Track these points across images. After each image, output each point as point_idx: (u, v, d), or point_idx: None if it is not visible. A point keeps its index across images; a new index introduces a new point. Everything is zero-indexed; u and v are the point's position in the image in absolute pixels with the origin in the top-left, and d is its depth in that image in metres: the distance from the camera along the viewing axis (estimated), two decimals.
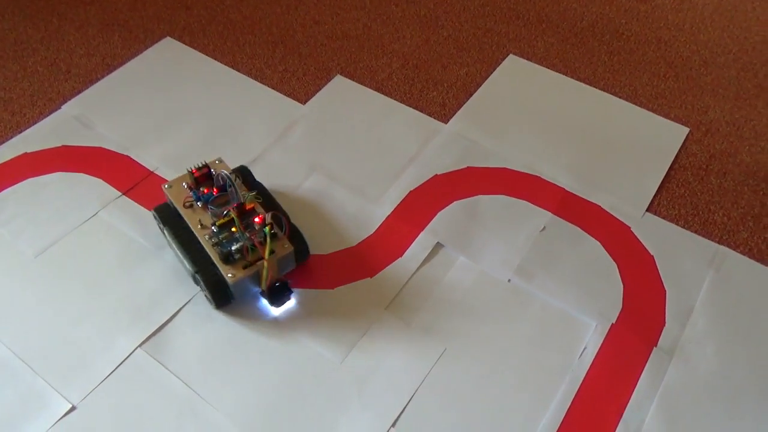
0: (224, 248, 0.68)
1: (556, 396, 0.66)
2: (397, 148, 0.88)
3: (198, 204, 0.72)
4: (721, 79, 0.99)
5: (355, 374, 0.67)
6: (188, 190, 0.73)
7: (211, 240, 0.69)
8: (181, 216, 0.72)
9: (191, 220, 0.71)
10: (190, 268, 0.69)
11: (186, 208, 0.72)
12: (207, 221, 0.71)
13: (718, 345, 0.70)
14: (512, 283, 0.74)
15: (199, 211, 0.72)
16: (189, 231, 0.71)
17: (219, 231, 0.69)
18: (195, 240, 0.70)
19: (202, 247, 0.69)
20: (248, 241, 0.67)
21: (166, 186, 0.73)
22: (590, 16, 1.09)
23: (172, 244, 0.72)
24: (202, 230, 0.70)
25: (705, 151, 0.89)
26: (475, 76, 0.98)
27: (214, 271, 0.68)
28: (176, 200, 0.72)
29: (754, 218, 0.81)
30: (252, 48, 1.01)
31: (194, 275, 0.69)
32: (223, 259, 0.67)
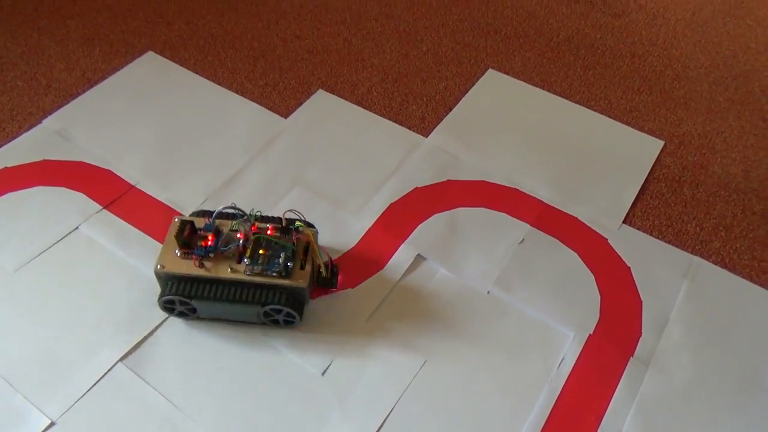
0: (275, 267, 0.66)
1: (535, 406, 0.67)
2: (378, 162, 0.89)
3: (210, 256, 0.68)
4: (694, 93, 1.01)
5: (336, 386, 0.67)
6: (186, 254, 0.68)
7: (254, 272, 0.67)
8: (200, 279, 0.67)
9: (219, 272, 0.67)
10: (254, 307, 0.67)
11: (201, 268, 0.67)
12: (233, 263, 0.67)
13: (693, 354, 0.71)
14: (492, 295, 0.75)
15: (217, 262, 0.67)
16: (221, 283, 0.67)
17: (254, 260, 0.67)
18: (236, 285, 0.67)
19: (247, 286, 0.67)
20: (291, 245, 0.67)
21: (159, 266, 0.67)
22: (566, 31, 1.11)
23: (212, 307, 0.68)
24: (236, 272, 0.67)
25: (678, 163, 0.91)
26: (454, 90, 0.99)
27: (282, 291, 0.67)
28: (184, 270, 0.67)
29: (725, 228, 0.83)
30: (233, 62, 1.01)
31: (261, 311, 0.68)
32: (284, 274, 0.66)
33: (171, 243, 0.68)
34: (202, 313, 0.70)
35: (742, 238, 0.82)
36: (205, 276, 0.67)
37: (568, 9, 1.16)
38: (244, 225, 0.69)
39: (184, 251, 0.67)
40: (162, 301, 0.68)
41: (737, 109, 0.99)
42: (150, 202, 0.82)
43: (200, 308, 0.69)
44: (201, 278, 0.67)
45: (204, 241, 0.67)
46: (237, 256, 0.68)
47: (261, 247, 0.67)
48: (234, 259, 0.67)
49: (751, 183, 0.88)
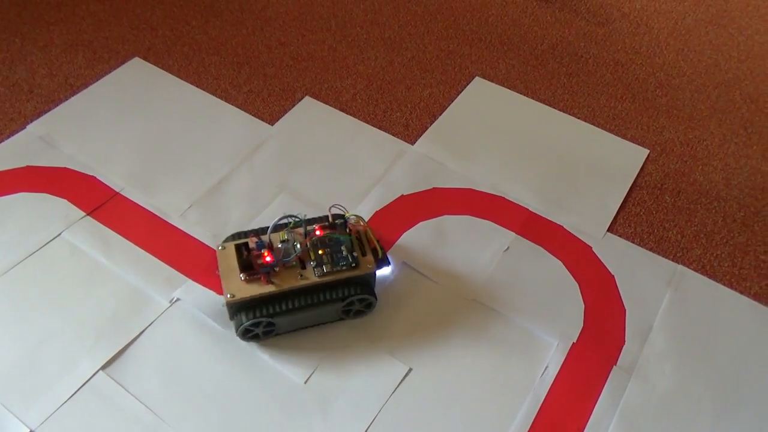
0: (341, 261, 0.68)
1: (518, 414, 0.67)
2: (364, 169, 0.89)
3: (276, 270, 0.68)
4: (676, 101, 1.02)
5: (318, 395, 0.67)
6: (251, 276, 0.67)
7: (324, 272, 0.68)
8: (275, 296, 0.67)
9: (288, 283, 0.67)
10: (336, 304, 0.68)
11: (272, 284, 0.67)
12: (299, 271, 0.68)
13: (676, 363, 0.72)
14: (476, 303, 0.76)
15: (284, 274, 0.68)
16: (297, 292, 0.68)
17: (319, 261, 0.68)
18: (310, 290, 0.68)
19: (322, 287, 0.68)
20: (349, 236, 0.70)
21: (230, 296, 0.66)
22: (550, 39, 1.12)
23: (293, 318, 0.69)
24: (302, 280, 0.67)
25: (660, 171, 0.91)
26: (439, 97, 0.99)
27: (357, 281, 0.69)
28: (255, 291, 0.66)
29: (706, 236, 0.84)
30: (217, 69, 1.01)
31: (346, 308, 0.70)
32: (353, 266, 0.68)
33: (229, 271, 0.67)
34: (281, 329, 0.70)
35: (723, 245, 0.83)
36: (279, 291, 0.67)
37: (552, 17, 1.17)
38: (294, 233, 0.70)
39: (248, 274, 0.67)
40: (243, 329, 0.67)
41: (719, 117, 1.00)
42: (134, 209, 0.82)
43: (280, 324, 0.69)
44: (275, 294, 0.67)
45: (263, 259, 0.67)
46: (299, 264, 0.68)
47: (319, 248, 0.69)
48: (298, 267, 0.68)
49: (732, 190, 0.89)
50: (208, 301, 0.73)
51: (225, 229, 0.80)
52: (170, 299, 0.74)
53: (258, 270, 0.67)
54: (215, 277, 0.75)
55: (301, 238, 0.70)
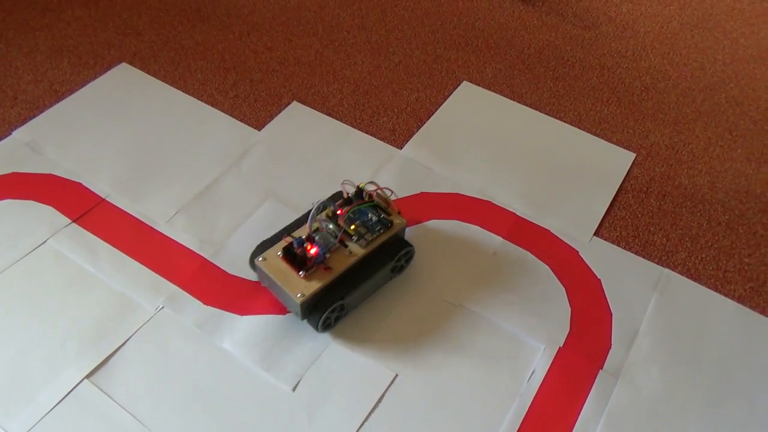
0: (376, 227, 0.73)
1: (505, 419, 0.67)
2: (352, 174, 0.89)
3: (327, 257, 0.71)
4: (662, 105, 1.03)
5: (305, 402, 0.67)
6: (306, 270, 0.69)
7: (367, 242, 0.72)
8: (338, 281, 0.71)
9: (344, 264, 0.71)
10: (388, 267, 0.74)
11: (330, 270, 0.70)
12: (346, 250, 0.72)
13: (662, 367, 0.72)
14: (463, 308, 0.76)
15: (335, 258, 0.71)
16: (354, 267, 0.72)
17: (358, 235, 0.73)
18: (363, 262, 0.72)
19: (370, 257, 0.72)
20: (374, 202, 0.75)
21: (300, 296, 0.68)
22: (537, 43, 1.12)
23: (358, 294, 0.72)
24: (354, 253, 0.72)
25: (646, 175, 0.92)
26: (425, 101, 0.99)
27: (395, 240, 0.75)
28: (320, 281, 0.69)
29: (691, 239, 0.84)
30: (204, 74, 1.01)
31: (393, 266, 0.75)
32: (389, 226, 0.74)
33: (285, 276, 0.69)
34: (349, 307, 0.74)
35: (707, 249, 0.83)
36: (340, 274, 0.70)
37: (539, 21, 1.17)
38: (319, 221, 0.74)
39: (306, 270, 0.69)
40: (323, 320, 0.70)
41: (704, 121, 1.01)
42: (120, 216, 0.82)
43: (349, 303, 0.72)
44: (338, 278, 0.71)
45: (308, 251, 0.70)
46: (340, 245, 0.72)
47: (350, 224, 0.73)
48: (341, 248, 0.72)
49: (717, 194, 0.90)
50: (194, 309, 0.73)
51: (212, 236, 0.80)
52: (156, 306, 0.73)
53: (312, 263, 0.70)
54: (201, 284, 0.76)
55: (330, 223, 0.73)
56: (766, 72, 1.10)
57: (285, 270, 0.70)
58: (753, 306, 0.77)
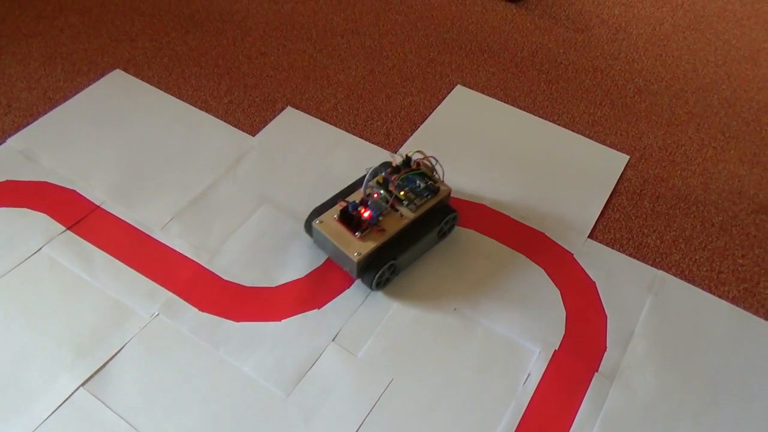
0: (425, 193, 0.79)
1: (501, 423, 0.67)
2: (347, 178, 0.88)
3: (380, 218, 0.76)
4: (655, 106, 1.03)
5: (302, 407, 0.67)
6: (360, 231, 0.75)
7: (416, 207, 0.77)
8: (390, 241, 0.76)
9: (396, 226, 0.76)
10: (436, 230, 0.79)
11: (383, 231, 0.75)
12: (396, 215, 0.77)
13: (657, 368, 0.72)
14: (458, 312, 0.76)
15: (387, 221, 0.76)
16: (406, 230, 0.77)
17: (408, 200, 0.78)
18: (414, 225, 0.77)
19: (420, 220, 0.77)
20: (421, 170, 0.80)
21: (357, 255, 0.73)
22: (530, 46, 1.13)
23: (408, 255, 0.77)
24: (405, 217, 0.77)
25: (639, 177, 0.92)
26: (419, 105, 1.00)
27: (441, 205, 0.79)
28: (374, 242, 0.74)
29: (685, 240, 0.84)
30: (198, 80, 1.01)
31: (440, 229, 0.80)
32: (435, 192, 0.79)
33: (341, 237, 0.75)
34: (401, 267, 0.78)
35: (701, 250, 0.83)
36: (392, 235, 0.76)
37: (532, 24, 1.18)
38: (373, 185, 0.79)
39: (361, 232, 0.75)
40: (378, 277, 0.75)
41: (697, 122, 1.01)
42: (115, 223, 0.82)
43: (401, 263, 0.77)
44: (391, 239, 0.76)
45: (362, 214, 0.75)
46: (392, 209, 0.77)
47: (402, 189, 0.78)
48: (393, 212, 0.77)
49: (710, 195, 0.90)
50: (190, 315, 0.73)
51: (207, 242, 0.80)
52: (151, 313, 0.73)
53: (367, 225, 0.75)
54: (197, 291, 0.76)
55: (381, 189, 0.78)
56: (759, 73, 1.11)
57: (341, 231, 0.75)
58: (747, 307, 0.78)
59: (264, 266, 0.79)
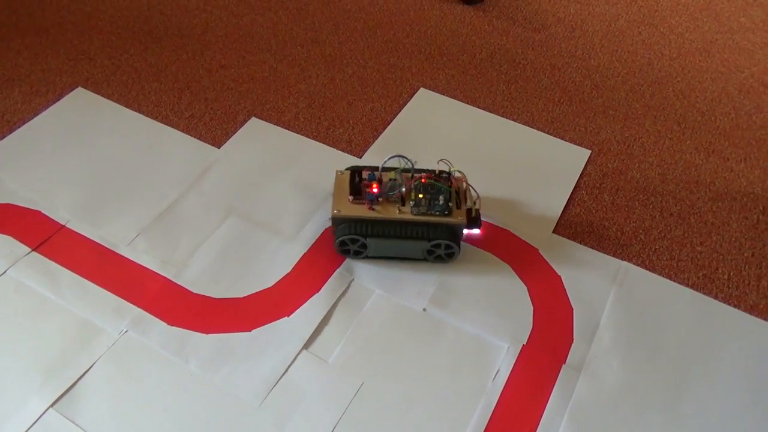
0: (437, 207, 0.77)
1: (471, 419, 0.68)
2: (313, 185, 0.89)
3: (379, 200, 0.78)
4: (612, 101, 1.05)
5: (274, 416, 0.67)
6: (358, 200, 0.78)
7: (419, 212, 0.77)
8: (373, 221, 0.78)
9: (389, 214, 0.77)
10: (422, 242, 0.78)
11: (373, 210, 0.78)
12: (398, 206, 0.78)
13: (623, 357, 0.74)
14: (427, 313, 0.77)
15: (385, 206, 0.78)
16: (392, 222, 0.78)
17: (417, 202, 0.78)
18: (404, 224, 0.78)
19: (413, 225, 0.77)
20: (449, 188, 0.78)
21: (337, 211, 0.77)
22: (489, 47, 1.14)
23: (383, 245, 0.78)
24: (403, 213, 0.77)
25: (598, 171, 0.94)
26: (381, 111, 1.01)
27: (445, 228, 0.77)
28: (358, 212, 0.78)
29: (645, 231, 0.86)
30: (157, 95, 1.01)
31: (427, 247, 0.78)
32: (447, 213, 0.77)
33: (341, 192, 0.79)
34: (371, 252, 0.80)
35: (660, 240, 0.85)
36: (377, 217, 0.77)
37: (490, 26, 1.19)
38: (402, 175, 0.79)
39: (355, 197, 0.78)
40: (339, 241, 0.78)
41: (653, 115, 1.03)
42: (81, 242, 0.81)
43: (372, 246, 0.79)
44: (374, 219, 0.77)
45: (371, 188, 0.78)
46: (400, 201, 0.78)
47: (421, 192, 0.78)
48: (398, 203, 0.78)
49: (668, 185, 0.92)
50: (159, 330, 0.73)
51: (173, 256, 0.80)
52: (120, 330, 0.73)
53: (364, 196, 0.78)
54: (165, 305, 0.76)
55: (407, 181, 0.79)
56: (712, 64, 1.14)
57: (344, 188, 0.79)
58: (707, 292, 0.80)
59: (232, 277, 0.79)
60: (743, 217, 0.89)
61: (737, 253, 0.84)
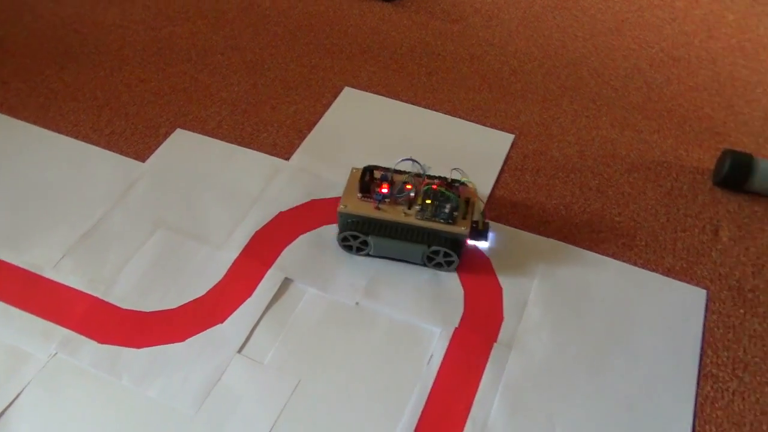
0: (442, 215, 0.77)
1: (408, 405, 0.69)
2: (240, 191, 0.89)
3: (386, 201, 0.79)
4: (530, 85, 1.08)
5: (210, 422, 0.67)
6: (366, 198, 0.79)
7: (424, 217, 0.77)
8: (377, 220, 0.79)
9: (393, 215, 0.78)
10: (421, 247, 0.78)
11: (378, 210, 0.78)
12: (404, 209, 0.78)
13: (552, 329, 0.76)
14: (360, 306, 0.78)
15: (391, 207, 0.79)
16: (396, 225, 0.78)
17: (423, 208, 0.78)
18: (407, 227, 0.78)
19: (416, 229, 0.78)
20: (457, 197, 0.79)
21: (344, 207, 0.79)
22: (408, 42, 1.16)
23: (384, 244, 0.79)
24: (408, 216, 0.78)
25: (520, 153, 0.96)
26: (305, 112, 1.01)
27: (447, 236, 0.77)
28: (363, 211, 0.79)
29: (566, 207, 0.89)
30: (76, 114, 0.99)
31: (427, 252, 0.78)
32: (451, 221, 0.77)
33: (352, 188, 0.80)
34: (373, 250, 0.81)
35: (581, 214, 0.88)
36: (381, 217, 0.78)
37: (409, 20, 1.21)
38: (414, 179, 0.80)
39: (363, 195, 0.79)
40: (342, 236, 0.80)
41: (570, 95, 1.06)
42: (4, 268, 0.80)
43: (373, 245, 0.80)
44: (378, 219, 0.78)
45: (380, 188, 0.79)
46: (407, 204, 0.79)
47: (429, 198, 0.78)
48: (405, 206, 0.79)
49: (586, 161, 0.95)
50: (89, 349, 0.72)
51: (101, 273, 0.79)
52: (48, 354, 0.72)
53: (372, 195, 0.79)
54: (94, 323, 0.75)
55: (418, 185, 0.79)
56: (623, 42, 1.17)
57: (354, 185, 0.80)
58: (626, 260, 0.83)
59: (163, 289, 0.78)
60: (658, 186, 0.92)
61: (653, 220, 0.87)
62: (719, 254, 0.84)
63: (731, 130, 1.01)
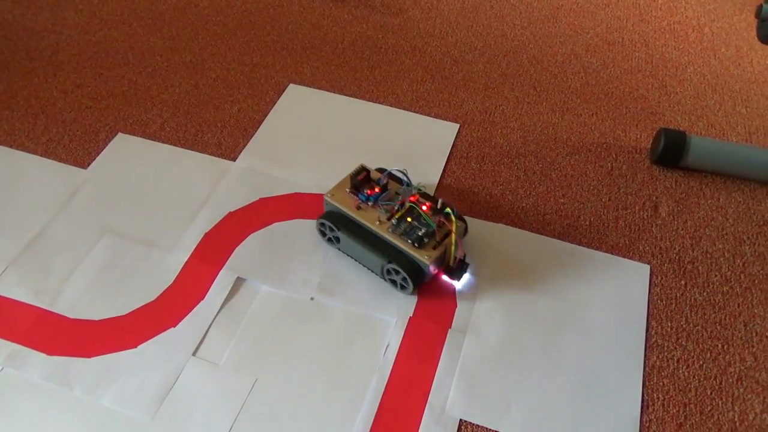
0: (412, 235, 0.75)
1: (366, 395, 0.70)
2: (188, 194, 0.88)
3: (368, 204, 0.79)
4: (471, 74, 1.09)
5: (167, 427, 0.67)
6: (352, 194, 0.80)
7: (395, 232, 0.76)
8: (352, 219, 0.79)
9: (367, 219, 0.78)
10: (381, 259, 0.76)
11: (357, 210, 0.78)
12: (383, 217, 0.77)
13: (504, 312, 0.78)
14: (315, 301, 0.78)
15: (370, 211, 0.78)
16: (366, 229, 0.78)
17: (398, 223, 0.77)
18: (375, 235, 0.77)
19: (383, 240, 0.77)
20: (434, 225, 0.76)
21: (329, 195, 0.80)
22: (350, 37, 1.16)
23: (351, 244, 0.79)
24: (381, 225, 0.77)
25: (465, 141, 0.98)
26: (249, 111, 1.01)
27: (408, 258, 0.76)
28: (344, 205, 0.79)
29: (511, 192, 0.91)
30: (9, 124, 0.96)
31: (385, 266, 0.77)
32: (417, 245, 0.75)
33: (346, 181, 0.81)
34: (343, 246, 0.81)
35: (527, 198, 0.90)
36: (356, 218, 0.78)
37: (350, 15, 1.21)
38: (406, 192, 0.80)
39: (350, 191, 0.80)
40: (318, 222, 0.81)
41: (511, 83, 1.08)
42: None
43: (343, 241, 0.80)
44: (352, 218, 0.79)
45: (370, 190, 0.79)
46: (388, 213, 0.78)
47: (410, 216, 0.78)
48: (385, 215, 0.78)
49: (530, 146, 0.97)
50: (38, 362, 0.71)
51: (46, 284, 0.77)
52: None
53: (358, 193, 0.79)
54: (42, 336, 0.73)
55: (403, 198, 0.79)
56: (560, 29, 1.20)
57: (346, 180, 0.81)
58: (572, 240, 0.85)
59: (112, 297, 0.77)
60: (598, 166, 0.95)
61: (596, 200, 0.90)
62: (659, 229, 0.87)
63: (665, 109, 1.05)
